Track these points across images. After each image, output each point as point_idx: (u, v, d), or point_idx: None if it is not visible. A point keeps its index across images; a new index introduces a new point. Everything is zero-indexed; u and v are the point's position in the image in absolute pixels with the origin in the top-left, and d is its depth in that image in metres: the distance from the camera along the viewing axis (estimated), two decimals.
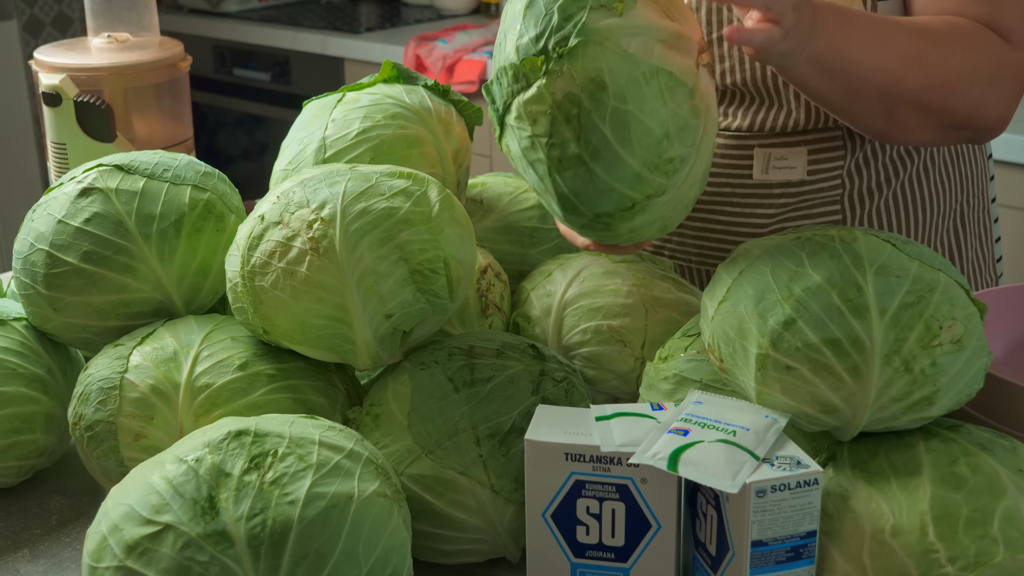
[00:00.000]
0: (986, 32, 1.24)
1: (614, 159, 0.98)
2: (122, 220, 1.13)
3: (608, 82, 0.96)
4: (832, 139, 1.35)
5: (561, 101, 0.97)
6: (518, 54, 0.99)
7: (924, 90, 1.21)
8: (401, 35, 3.33)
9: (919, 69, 1.20)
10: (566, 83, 0.96)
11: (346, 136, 1.19)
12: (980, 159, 1.49)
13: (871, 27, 1.18)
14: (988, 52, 1.23)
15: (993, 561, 0.86)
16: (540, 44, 0.97)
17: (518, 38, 0.99)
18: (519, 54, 0.99)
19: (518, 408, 1.03)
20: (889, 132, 1.28)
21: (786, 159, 1.36)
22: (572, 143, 0.97)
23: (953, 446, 0.94)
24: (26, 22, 3.72)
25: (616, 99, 0.96)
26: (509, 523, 1.02)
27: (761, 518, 0.89)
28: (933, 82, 1.21)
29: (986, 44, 1.23)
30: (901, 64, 1.19)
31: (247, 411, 1.04)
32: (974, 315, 0.95)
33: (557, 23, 0.97)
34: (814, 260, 0.96)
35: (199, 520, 0.85)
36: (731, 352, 0.98)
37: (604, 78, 0.96)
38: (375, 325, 1.04)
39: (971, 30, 1.23)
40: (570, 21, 0.96)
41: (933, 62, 1.20)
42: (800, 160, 1.36)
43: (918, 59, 1.20)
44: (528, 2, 0.99)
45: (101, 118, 1.54)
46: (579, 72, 0.96)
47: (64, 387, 1.18)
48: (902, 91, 1.21)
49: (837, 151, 1.35)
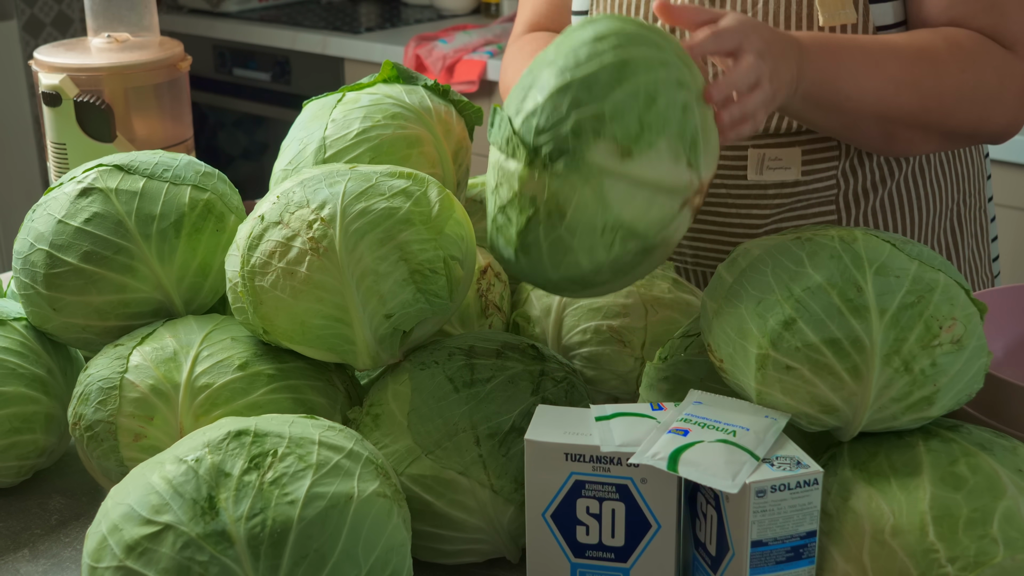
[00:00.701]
0: (988, 46, 1.24)
1: (541, 268, 1.01)
2: (122, 220, 1.13)
3: (568, 215, 0.97)
4: (827, 139, 1.35)
5: (524, 192, 0.98)
6: (521, 125, 0.98)
7: (921, 112, 1.22)
8: (401, 35, 3.33)
9: (914, 93, 1.20)
10: (535, 187, 0.97)
11: (346, 136, 1.19)
12: (977, 158, 1.49)
13: (862, 56, 1.18)
14: (990, 67, 1.23)
15: (993, 561, 0.86)
16: (538, 139, 0.97)
17: (532, 111, 0.98)
18: (521, 126, 0.98)
19: (518, 408, 1.03)
20: (892, 150, 1.29)
21: (780, 159, 1.37)
22: (517, 227, 1.00)
23: (953, 446, 0.94)
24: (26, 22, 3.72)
25: (566, 231, 0.98)
26: (509, 523, 1.02)
27: (761, 518, 0.89)
28: (930, 104, 1.21)
29: (988, 59, 1.23)
30: (895, 90, 1.19)
31: (247, 411, 1.04)
32: (974, 315, 0.95)
33: (565, 133, 0.96)
34: (814, 260, 0.96)
35: (199, 520, 0.85)
36: (731, 352, 0.98)
37: (566, 210, 0.97)
38: (375, 325, 1.04)
39: (971, 47, 1.23)
40: (576, 139, 0.96)
41: (929, 85, 1.21)
42: (794, 160, 1.36)
43: (913, 83, 1.20)
44: (564, 83, 0.97)
45: (101, 118, 1.54)
46: (550, 189, 0.97)
47: (64, 387, 1.18)
48: (899, 115, 1.21)
49: (832, 151, 1.35)
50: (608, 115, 0.95)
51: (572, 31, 1.02)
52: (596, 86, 0.96)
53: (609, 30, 0.99)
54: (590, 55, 0.97)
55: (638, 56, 0.97)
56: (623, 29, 0.99)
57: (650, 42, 0.99)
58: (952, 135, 1.28)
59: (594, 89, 0.96)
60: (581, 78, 0.96)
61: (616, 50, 0.97)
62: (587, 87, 0.96)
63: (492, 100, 3.06)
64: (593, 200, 0.97)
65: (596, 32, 0.99)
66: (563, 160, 0.96)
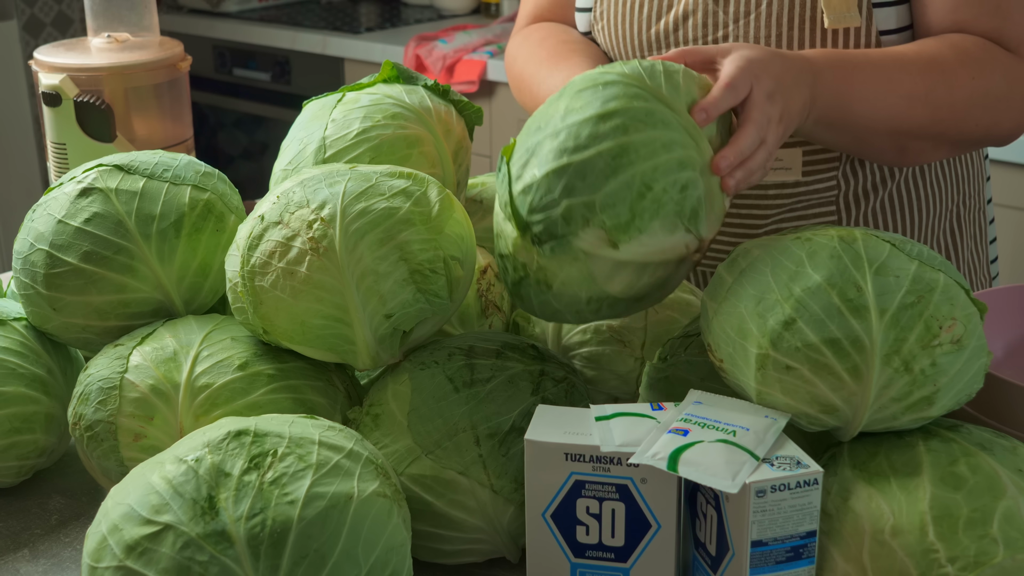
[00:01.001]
0: (994, 52, 1.24)
1: (533, 312, 1.07)
2: (122, 220, 1.13)
3: (554, 287, 1.01)
4: None
5: (517, 256, 1.01)
6: (518, 196, 0.99)
7: (933, 123, 1.22)
8: (401, 35, 3.33)
9: (926, 105, 1.20)
10: (526, 256, 1.01)
11: (346, 136, 1.19)
12: (977, 160, 1.49)
13: (874, 72, 1.18)
14: (998, 73, 1.23)
15: (993, 561, 0.86)
16: (531, 216, 0.99)
17: (528, 186, 0.99)
18: (518, 197, 0.99)
19: (518, 408, 1.03)
20: (904, 161, 1.29)
21: (781, 160, 1.37)
22: (511, 278, 1.04)
23: (953, 446, 0.94)
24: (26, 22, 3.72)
25: (553, 298, 1.03)
26: (509, 523, 1.02)
27: (761, 518, 0.89)
28: (942, 115, 1.21)
29: (995, 65, 1.23)
30: (908, 104, 1.19)
31: (247, 411, 1.04)
32: (974, 315, 0.95)
33: (555, 217, 0.98)
34: (814, 260, 0.96)
35: (199, 520, 0.85)
36: (731, 352, 0.97)
37: (553, 283, 1.01)
38: (375, 325, 1.04)
39: (979, 55, 1.23)
40: (566, 224, 0.97)
41: (941, 95, 1.21)
42: (795, 161, 1.36)
43: (924, 95, 1.20)
44: (560, 165, 0.98)
45: (101, 118, 1.54)
46: (538, 262, 1.00)
47: (64, 387, 1.18)
48: (911, 128, 1.21)
49: (833, 152, 1.35)
50: (599, 205, 0.96)
51: (583, 89, 1.01)
52: (591, 174, 0.97)
53: (616, 108, 0.98)
54: (591, 137, 0.98)
55: (639, 141, 0.97)
56: (629, 107, 0.98)
57: (657, 121, 0.99)
58: (962, 142, 1.28)
59: (588, 177, 0.97)
60: (577, 163, 0.97)
61: (617, 134, 0.97)
62: (582, 175, 0.97)
63: (492, 100, 3.06)
64: (579, 277, 1.00)
65: (603, 107, 0.99)
66: (551, 243, 0.98)
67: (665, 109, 0.99)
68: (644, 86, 1.00)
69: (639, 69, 1.02)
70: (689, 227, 0.99)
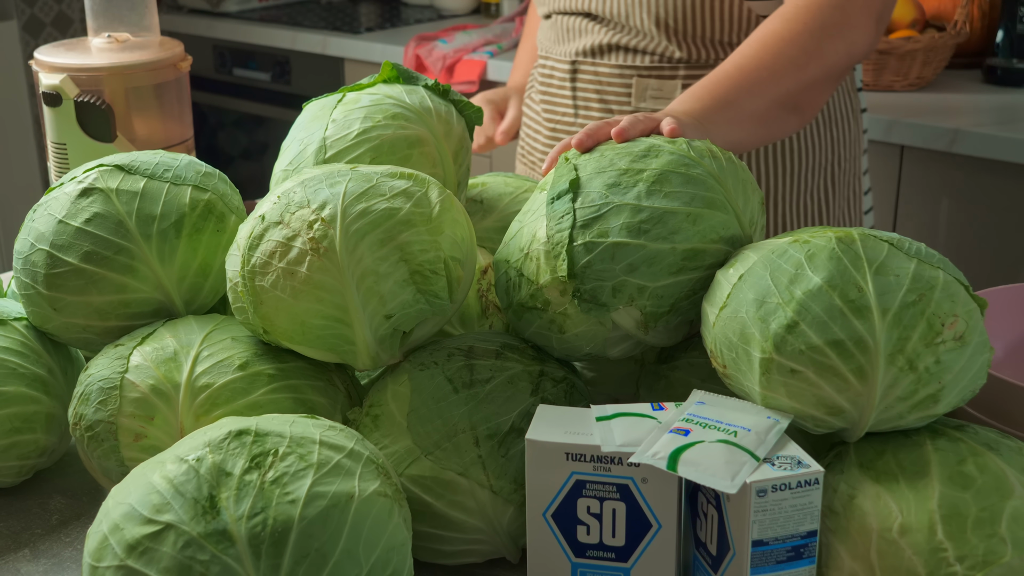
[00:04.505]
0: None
1: (516, 332, 1.12)
2: (122, 220, 1.13)
3: (567, 334, 1.06)
4: (705, 72, 1.49)
5: (542, 287, 1.05)
6: (579, 247, 1.02)
7: (805, 77, 1.36)
8: (401, 35, 3.33)
9: (790, 71, 1.35)
10: (554, 294, 1.04)
11: (346, 136, 1.19)
12: (855, 130, 1.68)
13: (739, 83, 1.33)
14: (827, 4, 1.36)
15: (1001, 560, 0.86)
16: (584, 273, 1.02)
17: (593, 246, 1.02)
18: (576, 247, 1.02)
19: (517, 409, 1.03)
20: (808, 114, 1.42)
21: (660, 90, 1.54)
22: (520, 297, 1.08)
23: (960, 445, 0.94)
24: (26, 22, 3.72)
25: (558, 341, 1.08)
26: (508, 523, 1.02)
27: (762, 518, 0.89)
28: (808, 67, 1.36)
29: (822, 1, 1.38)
30: (773, 81, 1.34)
31: (247, 411, 1.04)
32: (975, 311, 0.95)
33: (607, 286, 1.02)
34: (813, 262, 0.96)
35: (200, 519, 0.85)
36: (734, 357, 0.97)
37: (567, 331, 1.06)
38: (375, 326, 1.04)
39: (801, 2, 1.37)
40: (613, 296, 1.02)
41: (794, 55, 1.35)
42: (674, 93, 1.52)
43: (784, 65, 1.34)
44: (636, 243, 1.01)
45: (101, 118, 1.54)
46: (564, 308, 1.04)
47: (64, 387, 1.18)
48: (790, 93, 1.36)
49: None
50: (651, 293, 1.02)
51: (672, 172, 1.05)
52: (657, 264, 1.01)
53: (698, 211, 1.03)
54: (669, 230, 1.02)
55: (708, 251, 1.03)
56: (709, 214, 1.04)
57: (731, 236, 1.05)
58: (838, 74, 1.41)
59: (655, 266, 1.01)
60: (651, 251, 1.01)
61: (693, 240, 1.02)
62: (649, 262, 1.01)
63: None
64: (593, 336, 1.05)
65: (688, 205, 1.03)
66: (591, 305, 1.03)
67: (738, 228, 1.05)
68: (722, 190, 1.05)
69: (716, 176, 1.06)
70: None
